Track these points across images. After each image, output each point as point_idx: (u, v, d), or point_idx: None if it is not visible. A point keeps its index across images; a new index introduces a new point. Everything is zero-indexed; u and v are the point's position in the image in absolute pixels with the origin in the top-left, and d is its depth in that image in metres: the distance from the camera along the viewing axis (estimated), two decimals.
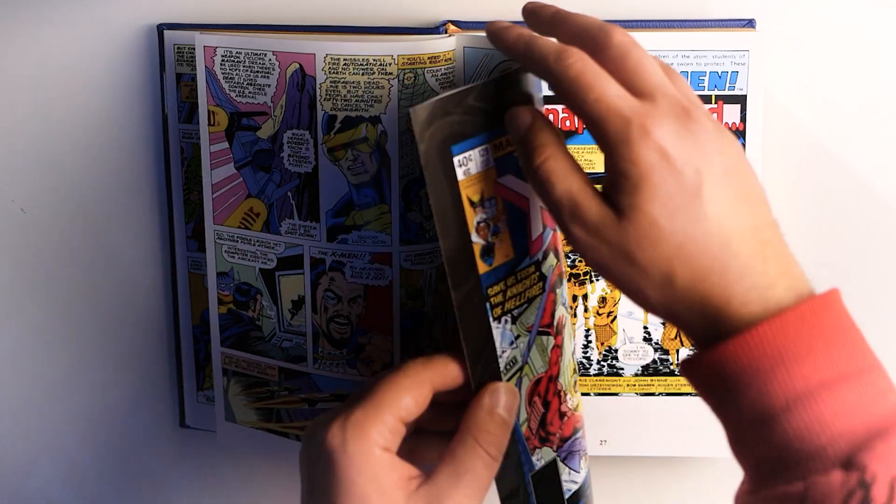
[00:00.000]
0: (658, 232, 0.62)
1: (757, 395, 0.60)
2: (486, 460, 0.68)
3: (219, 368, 0.89)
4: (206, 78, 0.83)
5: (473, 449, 0.68)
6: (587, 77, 0.64)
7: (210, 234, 0.86)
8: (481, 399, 0.69)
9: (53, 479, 0.98)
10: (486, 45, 0.81)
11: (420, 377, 0.69)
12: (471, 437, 0.68)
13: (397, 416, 0.68)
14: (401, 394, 0.68)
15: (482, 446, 0.68)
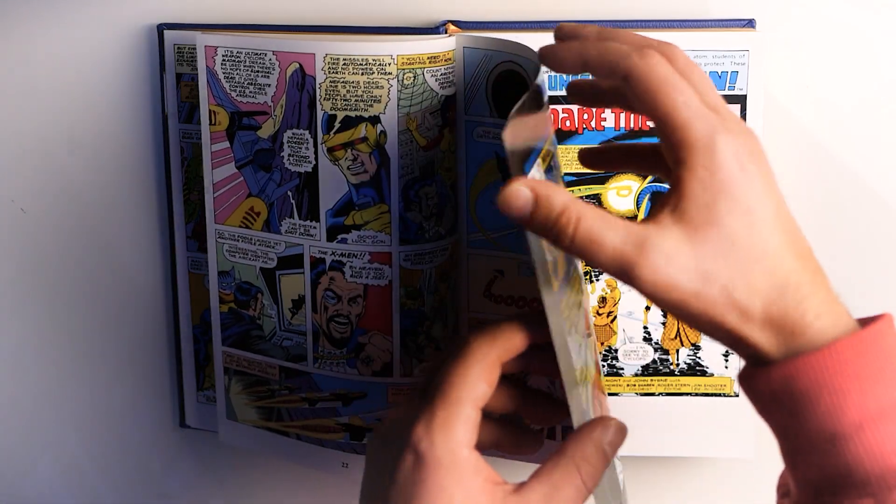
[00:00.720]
0: (738, 245, 0.61)
1: (828, 412, 0.59)
2: (581, 489, 0.67)
3: (220, 367, 0.89)
4: (207, 77, 0.84)
5: (572, 476, 0.67)
6: (674, 79, 0.62)
7: (211, 234, 0.87)
8: (593, 431, 0.68)
9: (53, 479, 0.98)
10: (485, 46, 0.81)
11: (489, 359, 0.67)
12: (573, 464, 0.67)
13: (476, 407, 0.66)
14: (476, 383, 0.66)
15: (581, 475, 0.67)
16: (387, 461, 0.67)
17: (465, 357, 0.67)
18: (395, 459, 0.66)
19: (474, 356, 0.67)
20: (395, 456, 0.66)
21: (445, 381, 0.67)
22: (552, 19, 0.84)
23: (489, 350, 0.68)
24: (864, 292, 0.87)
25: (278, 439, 0.88)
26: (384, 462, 0.67)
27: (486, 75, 0.81)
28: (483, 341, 0.68)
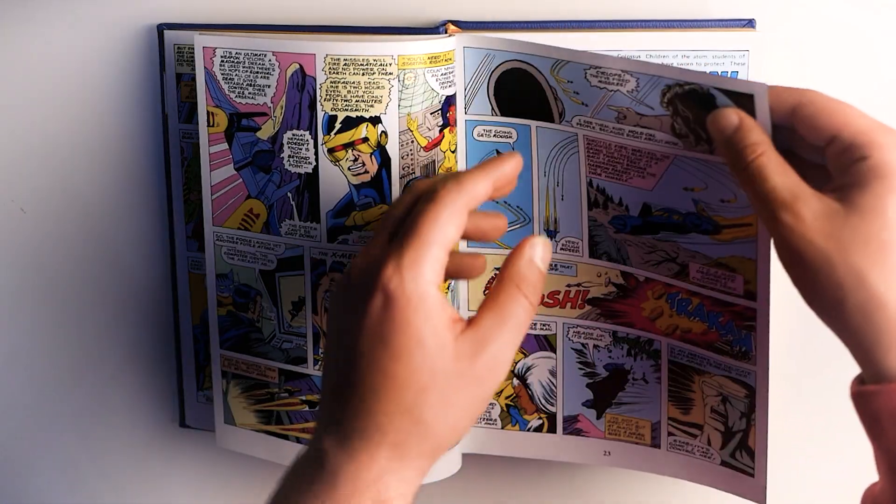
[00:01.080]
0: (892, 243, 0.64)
1: None
2: (527, 307, 0.70)
3: (218, 371, 0.89)
4: (205, 79, 0.83)
5: (516, 296, 0.70)
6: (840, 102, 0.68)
7: (209, 236, 0.86)
8: (522, 250, 0.71)
9: (53, 479, 0.98)
10: (485, 45, 0.81)
11: (457, 205, 0.69)
12: (514, 286, 0.70)
13: (445, 250, 0.68)
14: (446, 226, 0.68)
15: (523, 293, 0.70)
16: (355, 305, 0.68)
17: (436, 203, 0.69)
18: (363, 301, 0.67)
19: (442, 202, 0.69)
20: (363, 298, 0.67)
21: (416, 224, 0.68)
22: (552, 19, 0.84)
23: (456, 196, 0.69)
24: None
25: (277, 443, 0.88)
26: (352, 306, 0.68)
27: (487, 74, 0.81)
28: (449, 187, 0.69)
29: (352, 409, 0.66)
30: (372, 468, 0.66)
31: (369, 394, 0.66)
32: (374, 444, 0.66)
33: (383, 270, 0.67)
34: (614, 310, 0.84)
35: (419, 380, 0.66)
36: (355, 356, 0.67)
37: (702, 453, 0.84)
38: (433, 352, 0.66)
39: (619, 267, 0.82)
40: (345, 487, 0.66)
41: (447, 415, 0.67)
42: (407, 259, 0.67)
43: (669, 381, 0.85)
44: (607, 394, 0.86)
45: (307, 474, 0.67)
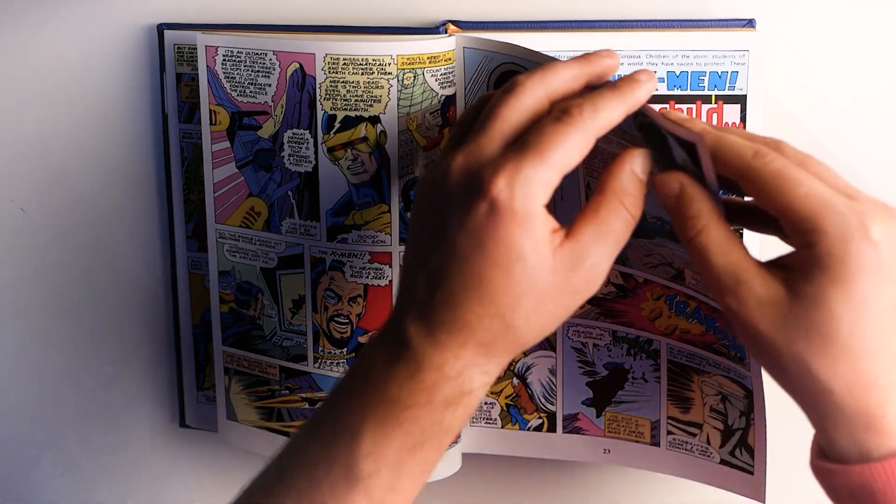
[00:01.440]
0: (835, 334, 0.62)
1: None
2: (628, 219, 0.67)
3: (220, 367, 0.89)
4: (207, 77, 0.84)
5: (617, 209, 0.67)
6: (791, 172, 0.64)
7: (212, 234, 0.87)
8: (624, 163, 0.68)
9: (53, 479, 0.98)
10: (485, 46, 0.81)
11: (589, 132, 0.66)
12: (615, 198, 0.67)
13: (563, 173, 0.66)
14: (571, 151, 0.66)
15: (625, 206, 0.67)
16: (457, 201, 0.66)
17: (568, 125, 0.66)
18: (467, 203, 0.65)
19: (577, 128, 0.66)
20: (467, 199, 0.65)
21: (542, 141, 0.65)
22: (552, 19, 0.84)
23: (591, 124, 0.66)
24: None
25: (278, 440, 0.88)
26: (453, 201, 0.66)
27: (487, 75, 0.81)
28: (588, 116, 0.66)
29: (441, 302, 0.65)
30: (458, 362, 0.66)
31: (462, 293, 0.65)
32: (462, 341, 0.65)
33: (495, 179, 0.64)
34: (614, 309, 0.85)
35: (515, 289, 0.65)
36: (450, 252, 0.65)
37: (701, 452, 0.85)
38: (532, 264, 0.65)
39: (619, 268, 0.83)
40: (430, 376, 0.65)
41: (538, 320, 0.66)
42: (523, 175, 0.64)
43: (669, 381, 0.85)
44: (607, 392, 0.87)
45: (387, 355, 0.66)
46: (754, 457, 0.82)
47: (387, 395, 0.65)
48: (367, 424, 0.65)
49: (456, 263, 0.65)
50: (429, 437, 0.66)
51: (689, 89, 0.82)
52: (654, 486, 0.93)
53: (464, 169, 0.66)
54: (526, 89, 0.68)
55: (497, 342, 0.66)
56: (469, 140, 0.67)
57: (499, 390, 0.89)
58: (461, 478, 0.89)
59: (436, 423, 0.66)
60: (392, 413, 0.65)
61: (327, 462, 0.66)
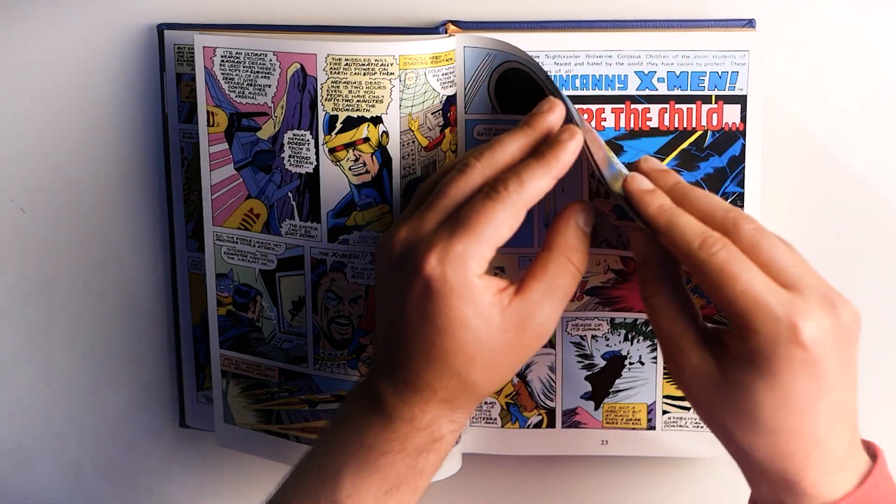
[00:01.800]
0: (757, 416, 0.67)
1: None
2: (574, 273, 0.71)
3: (218, 371, 0.89)
4: (205, 79, 0.83)
5: (565, 265, 0.71)
6: (732, 266, 0.66)
7: (209, 236, 0.86)
8: (569, 218, 0.72)
9: (53, 479, 0.98)
10: (485, 45, 0.81)
11: (517, 206, 0.69)
12: (562, 255, 0.71)
13: (495, 247, 0.69)
14: (500, 226, 0.69)
15: (572, 262, 0.71)
16: (398, 279, 0.70)
17: (495, 201, 0.69)
18: (407, 280, 0.69)
19: (504, 203, 0.69)
20: (406, 276, 0.69)
21: (471, 218, 0.69)
22: (552, 19, 0.84)
23: (518, 199, 0.69)
24: (865, 292, 0.87)
25: (277, 442, 0.88)
26: (395, 278, 0.71)
27: (488, 74, 0.81)
28: (513, 190, 0.69)
29: (402, 366, 0.70)
30: (425, 415, 0.71)
31: (419, 358, 0.70)
32: (426, 399, 0.70)
33: (427, 257, 0.68)
34: (612, 296, 0.85)
35: (465, 351, 0.69)
36: (401, 322, 0.70)
37: (694, 424, 0.87)
38: (478, 328, 0.69)
39: (619, 252, 0.83)
40: (402, 427, 0.71)
41: (494, 374, 0.71)
42: (454, 252, 0.68)
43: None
44: (605, 383, 0.88)
45: (363, 406, 0.72)
46: None
47: (364, 443, 0.71)
48: (348, 469, 0.71)
49: (408, 332, 0.70)
50: (404, 481, 0.71)
51: (689, 89, 0.83)
52: (653, 485, 0.93)
53: (405, 243, 0.70)
54: (475, 170, 0.71)
55: (458, 396, 0.71)
56: (416, 214, 0.71)
57: (499, 389, 0.89)
58: (461, 478, 0.89)
59: (410, 468, 0.71)
60: (369, 459, 0.71)
61: (314, 501, 0.71)
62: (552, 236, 0.72)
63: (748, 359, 0.66)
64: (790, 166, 0.86)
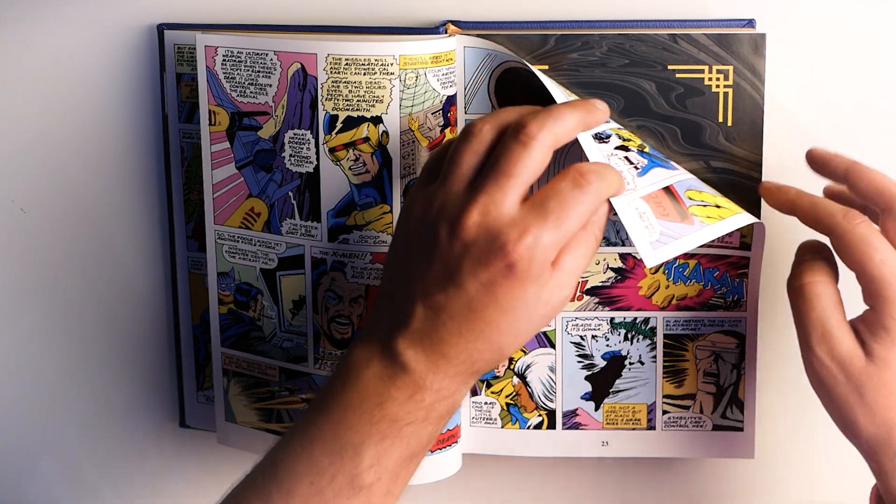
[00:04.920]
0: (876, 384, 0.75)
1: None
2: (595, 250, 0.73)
3: (219, 369, 0.89)
4: (207, 78, 0.84)
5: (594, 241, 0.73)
6: (873, 238, 0.74)
7: (211, 235, 0.86)
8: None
9: (53, 479, 0.98)
10: (485, 45, 0.81)
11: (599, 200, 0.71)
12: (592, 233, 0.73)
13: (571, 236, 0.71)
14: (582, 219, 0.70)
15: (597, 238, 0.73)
16: (467, 254, 0.70)
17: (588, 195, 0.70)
18: (482, 259, 0.69)
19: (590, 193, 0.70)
20: (482, 256, 0.69)
21: (563, 207, 0.69)
22: (552, 19, 0.84)
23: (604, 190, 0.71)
24: None
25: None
26: (463, 253, 0.70)
27: (488, 73, 0.81)
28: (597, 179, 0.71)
29: (446, 338, 0.70)
30: (453, 384, 0.72)
31: (468, 333, 0.70)
32: (461, 370, 0.71)
33: (518, 245, 0.69)
34: (612, 295, 0.86)
35: (517, 328, 0.71)
36: (461, 297, 0.70)
37: (694, 423, 0.88)
38: (533, 307, 0.70)
39: (618, 249, 0.84)
40: (429, 398, 0.71)
41: (523, 343, 0.73)
42: (542, 244, 0.69)
43: (664, 356, 0.87)
44: (605, 383, 0.88)
45: (380, 372, 0.71)
46: (744, 411, 0.86)
47: (387, 413, 0.70)
48: (371, 440, 0.70)
49: (466, 308, 0.70)
50: (423, 446, 0.73)
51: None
52: (652, 485, 0.93)
53: (482, 226, 0.69)
54: (538, 143, 0.70)
55: (488, 367, 0.73)
56: (481, 192, 0.70)
57: (499, 390, 0.89)
58: (461, 478, 0.89)
59: (431, 434, 0.73)
60: (393, 429, 0.71)
61: (331, 472, 0.70)
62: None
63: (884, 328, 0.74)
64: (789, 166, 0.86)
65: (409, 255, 0.72)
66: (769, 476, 0.92)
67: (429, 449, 0.74)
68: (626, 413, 0.88)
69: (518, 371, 0.88)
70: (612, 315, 0.86)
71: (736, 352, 0.86)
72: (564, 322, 0.87)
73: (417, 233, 0.72)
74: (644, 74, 0.82)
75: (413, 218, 0.72)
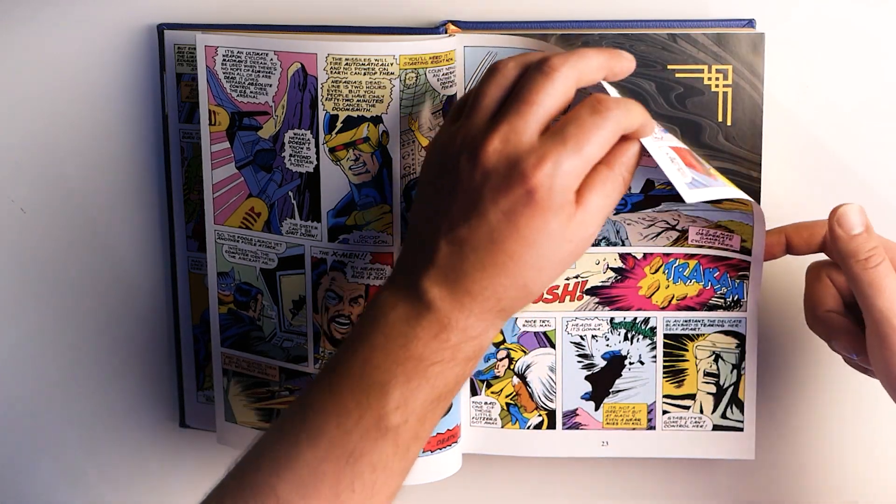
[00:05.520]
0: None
1: None
2: (622, 193, 0.73)
3: (219, 369, 0.89)
4: (207, 77, 0.84)
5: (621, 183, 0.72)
6: (882, 280, 0.76)
7: (210, 235, 0.87)
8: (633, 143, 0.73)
9: (53, 479, 0.98)
10: (486, 45, 0.81)
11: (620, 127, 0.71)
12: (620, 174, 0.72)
13: (592, 164, 0.71)
14: (604, 146, 0.70)
15: (626, 181, 0.73)
16: (487, 184, 0.69)
17: (607, 120, 0.70)
18: (502, 187, 0.69)
19: (611, 119, 0.70)
20: (502, 187, 0.69)
21: (582, 132, 0.69)
22: (552, 19, 0.84)
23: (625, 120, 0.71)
24: None
25: None
26: (483, 183, 0.69)
27: None
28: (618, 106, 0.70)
29: (470, 274, 0.70)
30: (480, 324, 0.71)
31: (492, 267, 0.70)
32: (486, 309, 0.70)
33: (537, 170, 0.68)
34: (612, 295, 0.86)
35: (541, 263, 0.70)
36: (483, 229, 0.69)
37: (694, 423, 0.88)
38: (558, 241, 0.70)
39: (617, 249, 0.84)
40: (455, 336, 0.70)
41: (549, 282, 0.72)
42: (563, 168, 0.68)
43: (664, 356, 0.87)
44: (605, 383, 0.88)
45: (406, 313, 0.71)
46: (744, 411, 0.86)
47: (413, 353, 0.70)
48: (397, 380, 0.70)
49: (488, 240, 0.69)
50: (450, 389, 0.72)
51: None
52: (652, 485, 0.93)
53: (502, 154, 0.69)
54: (560, 75, 0.70)
55: (515, 305, 0.71)
56: (503, 121, 0.70)
57: (499, 390, 0.89)
58: (461, 478, 0.89)
59: (457, 376, 0.71)
60: (419, 369, 0.70)
61: (357, 413, 0.70)
62: (615, 154, 0.72)
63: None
64: (789, 166, 0.86)
65: (434, 191, 0.72)
66: (769, 476, 0.92)
67: (456, 393, 0.73)
68: (626, 413, 0.88)
69: (518, 371, 0.88)
70: (611, 315, 0.87)
71: (736, 352, 0.86)
72: (564, 322, 0.87)
73: (441, 167, 0.72)
74: (644, 74, 0.82)
75: (437, 154, 0.73)
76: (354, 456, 0.69)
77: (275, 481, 0.69)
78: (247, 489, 0.70)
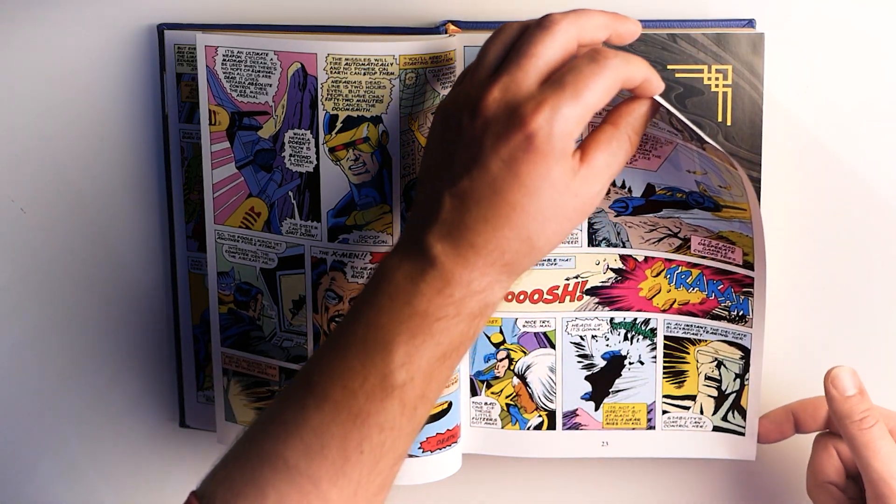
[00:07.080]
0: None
1: None
2: (629, 154, 0.73)
3: (219, 368, 0.89)
4: (207, 77, 0.84)
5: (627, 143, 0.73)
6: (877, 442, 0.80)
7: (211, 234, 0.87)
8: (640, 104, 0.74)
9: (53, 479, 0.98)
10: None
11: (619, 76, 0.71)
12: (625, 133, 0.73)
13: (593, 112, 0.70)
14: (602, 95, 0.70)
15: (631, 142, 0.73)
16: (487, 138, 0.69)
17: (605, 69, 0.70)
18: (500, 138, 0.69)
19: (609, 68, 0.70)
20: (501, 135, 0.69)
21: (580, 79, 0.69)
22: None
23: (624, 69, 0.71)
24: (864, 292, 0.88)
25: None
26: (483, 133, 0.70)
27: None
28: (617, 56, 0.70)
29: (472, 226, 0.69)
30: (484, 279, 0.70)
31: (494, 218, 0.69)
32: (491, 261, 0.70)
33: (535, 115, 0.68)
34: (612, 296, 0.86)
35: (544, 214, 0.70)
36: (484, 179, 0.69)
37: (694, 424, 0.88)
38: (561, 191, 0.69)
39: (618, 251, 0.84)
40: (459, 291, 0.70)
41: (556, 238, 0.71)
42: (561, 113, 0.68)
43: (664, 357, 0.87)
44: (605, 383, 0.88)
45: (410, 271, 0.70)
46: (746, 417, 0.86)
47: (417, 310, 0.69)
48: (401, 337, 0.69)
49: (490, 190, 0.69)
50: (456, 347, 0.71)
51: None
52: (652, 485, 0.93)
53: (501, 102, 0.69)
54: (561, 28, 0.71)
55: (521, 261, 0.71)
56: (503, 73, 0.70)
57: (499, 390, 0.89)
58: (461, 478, 0.89)
59: (462, 333, 0.71)
60: (424, 325, 0.69)
61: (362, 374, 0.69)
62: (621, 114, 0.73)
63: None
64: (789, 166, 0.86)
65: (439, 148, 0.72)
66: (769, 476, 0.92)
67: (464, 352, 0.72)
68: (626, 413, 0.88)
69: (518, 371, 0.88)
70: (611, 315, 0.87)
71: (740, 363, 0.85)
72: (564, 322, 0.87)
73: (445, 125, 0.72)
74: None
75: (441, 113, 0.73)
76: (361, 417, 0.68)
77: (281, 447, 0.69)
78: (254, 455, 0.70)
